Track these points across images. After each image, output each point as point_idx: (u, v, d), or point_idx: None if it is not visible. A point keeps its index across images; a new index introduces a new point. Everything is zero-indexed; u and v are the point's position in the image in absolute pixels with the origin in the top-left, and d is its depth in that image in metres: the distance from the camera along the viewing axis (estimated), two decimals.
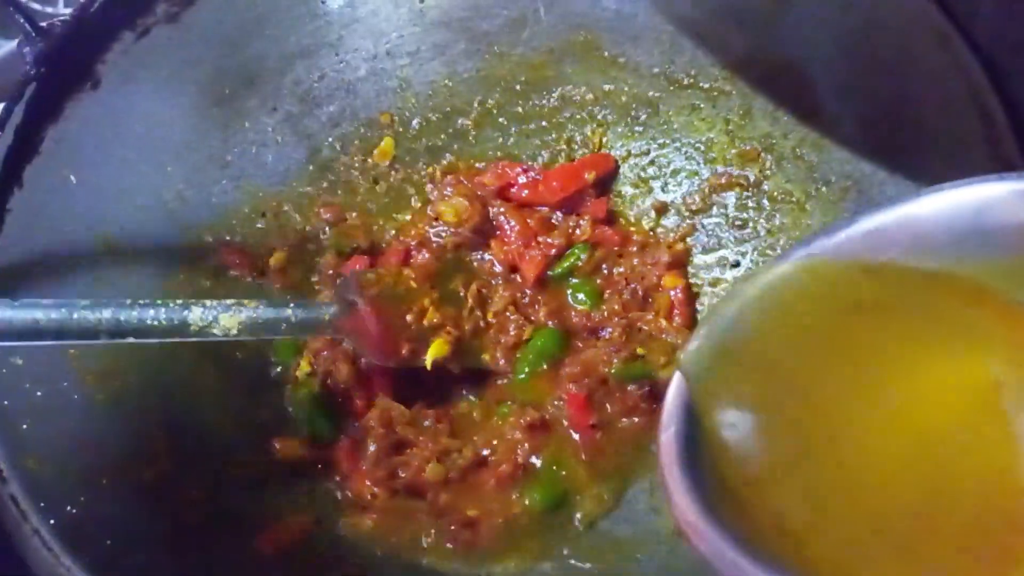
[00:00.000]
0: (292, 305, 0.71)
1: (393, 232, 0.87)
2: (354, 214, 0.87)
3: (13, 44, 1.08)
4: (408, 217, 0.87)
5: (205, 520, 0.68)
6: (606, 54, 0.86)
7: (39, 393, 0.66)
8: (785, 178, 0.80)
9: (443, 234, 0.84)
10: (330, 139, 0.89)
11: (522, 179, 0.85)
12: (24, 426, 0.63)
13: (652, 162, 0.85)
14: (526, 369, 0.79)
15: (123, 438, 0.69)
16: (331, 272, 0.84)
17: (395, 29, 0.88)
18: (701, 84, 0.83)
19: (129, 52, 0.77)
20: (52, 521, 0.57)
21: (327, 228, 0.86)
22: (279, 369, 0.81)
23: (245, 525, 0.69)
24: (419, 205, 0.88)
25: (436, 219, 0.85)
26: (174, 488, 0.69)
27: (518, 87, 0.89)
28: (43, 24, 0.73)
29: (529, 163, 0.87)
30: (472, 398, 0.80)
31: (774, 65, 0.79)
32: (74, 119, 0.74)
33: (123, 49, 0.77)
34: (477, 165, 0.88)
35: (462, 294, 0.80)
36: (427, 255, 0.83)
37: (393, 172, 0.89)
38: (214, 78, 0.84)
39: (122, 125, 0.78)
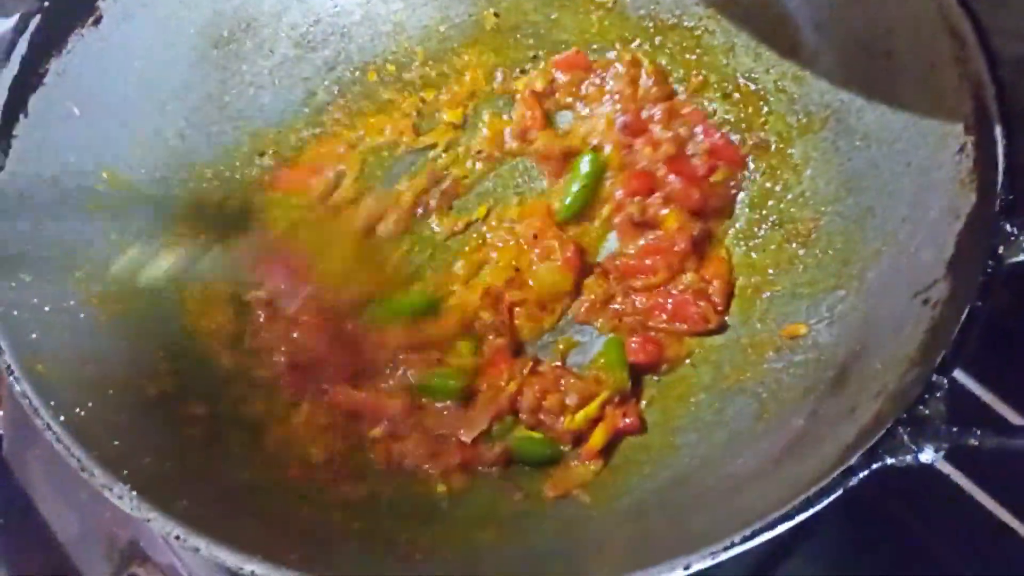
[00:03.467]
0: None
1: None
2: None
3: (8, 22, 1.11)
4: None
5: (209, 433, 0.70)
6: None
7: (47, 308, 0.68)
8: (768, 110, 0.82)
9: None
10: (326, 82, 0.91)
11: None
12: (33, 335, 0.65)
13: None
14: None
15: (125, 356, 0.71)
16: None
17: None
18: (686, 23, 0.86)
19: None
20: (62, 418, 0.59)
21: None
22: None
23: (246, 438, 0.72)
24: None
25: None
26: (177, 404, 0.71)
27: (508, 31, 0.91)
28: None
29: None
30: None
31: (755, 2, 0.81)
32: (76, 53, 0.77)
33: None
34: None
35: None
36: None
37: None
38: (212, 20, 0.86)
39: (123, 62, 0.80)
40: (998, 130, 0.62)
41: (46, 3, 0.74)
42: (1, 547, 0.94)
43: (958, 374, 0.74)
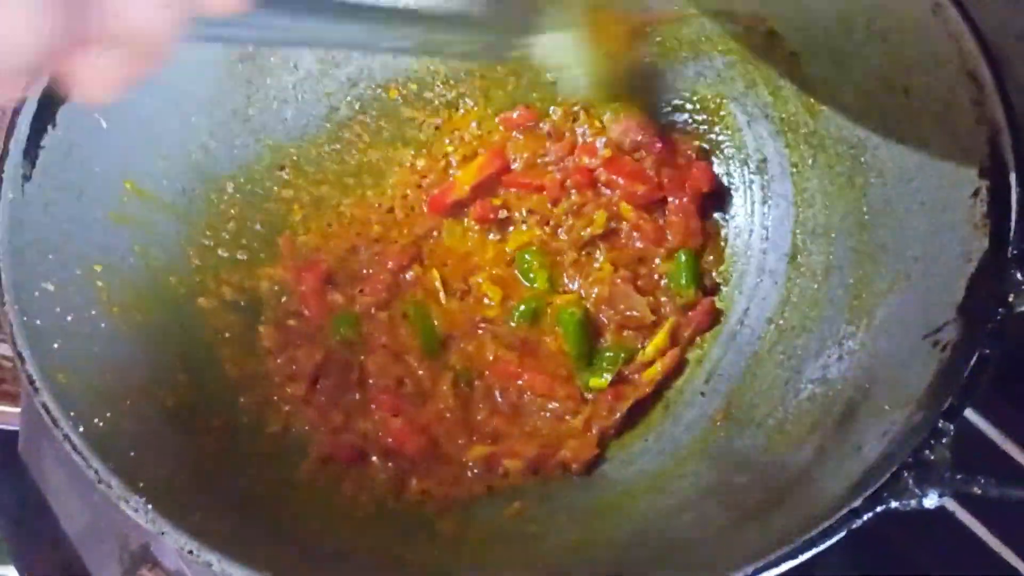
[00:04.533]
0: None
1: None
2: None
3: None
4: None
5: (224, 444, 0.72)
6: None
7: (69, 318, 0.69)
8: (783, 144, 0.83)
9: None
10: (348, 98, 0.93)
11: None
12: (55, 344, 0.66)
13: None
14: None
15: (144, 367, 0.73)
16: None
17: None
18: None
19: None
20: (81, 429, 0.61)
21: None
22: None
23: (261, 449, 0.73)
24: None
25: None
26: (194, 416, 0.73)
27: None
28: None
29: None
30: None
31: (775, 35, 0.82)
32: None
33: None
34: None
35: None
36: None
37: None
38: None
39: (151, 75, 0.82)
40: (1013, 177, 0.62)
41: None
42: (14, 545, 0.95)
43: (967, 413, 0.75)
